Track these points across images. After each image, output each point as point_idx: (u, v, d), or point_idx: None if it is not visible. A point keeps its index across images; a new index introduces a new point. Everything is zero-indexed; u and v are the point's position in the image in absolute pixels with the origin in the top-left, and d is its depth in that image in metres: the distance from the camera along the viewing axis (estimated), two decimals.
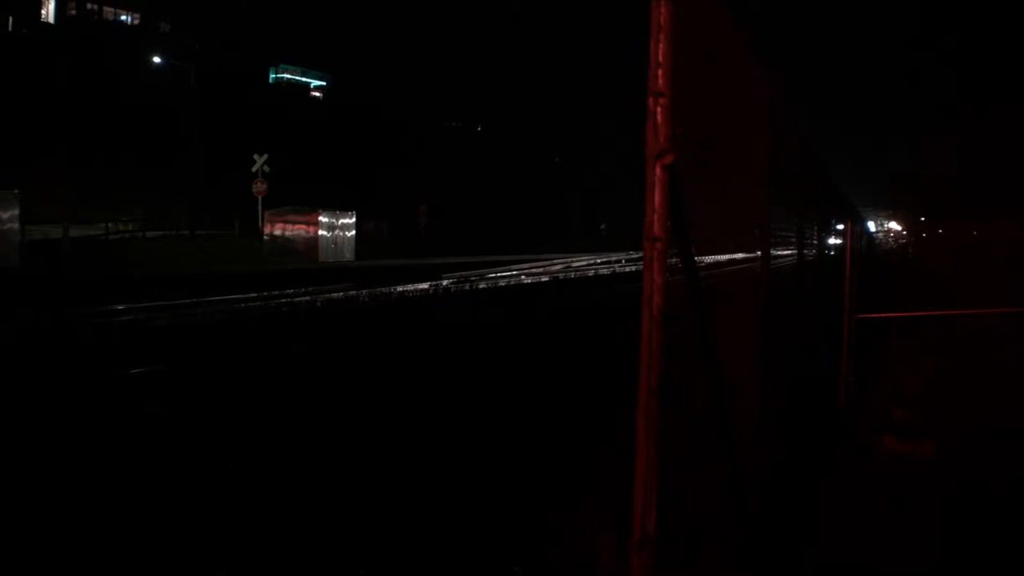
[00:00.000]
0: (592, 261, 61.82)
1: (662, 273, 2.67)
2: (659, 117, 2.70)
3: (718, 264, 4.78)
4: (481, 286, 37.13)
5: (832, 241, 14.36)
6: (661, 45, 2.70)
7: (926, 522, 7.03)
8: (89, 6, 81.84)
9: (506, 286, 38.11)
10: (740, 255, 5.49)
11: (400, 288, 33.57)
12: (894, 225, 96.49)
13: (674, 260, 3.01)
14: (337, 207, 63.07)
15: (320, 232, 61.41)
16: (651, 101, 2.70)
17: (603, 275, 47.76)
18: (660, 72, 2.70)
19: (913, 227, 79.11)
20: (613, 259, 63.47)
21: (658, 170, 2.68)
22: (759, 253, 5.57)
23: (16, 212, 43.18)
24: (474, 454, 9.80)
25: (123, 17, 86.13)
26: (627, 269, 52.10)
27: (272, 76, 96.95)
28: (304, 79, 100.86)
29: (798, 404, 7.15)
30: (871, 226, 60.20)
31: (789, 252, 7.69)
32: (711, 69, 3.65)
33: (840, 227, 14.37)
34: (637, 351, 2.67)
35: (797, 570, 5.91)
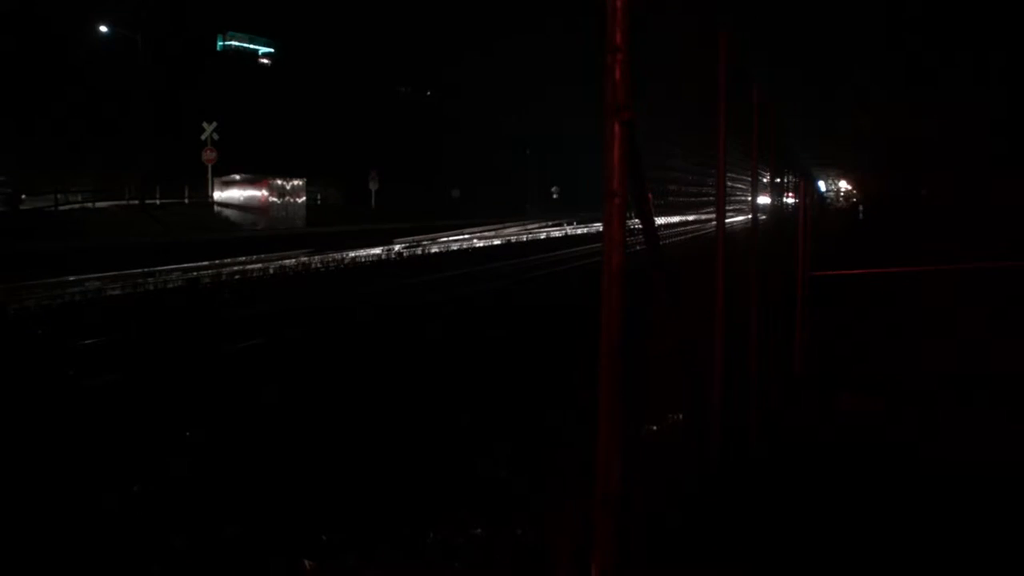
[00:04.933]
0: (543, 224, 62.55)
1: (622, 229, 2.66)
2: (617, 73, 2.67)
3: (671, 225, 4.78)
4: (433, 250, 37.16)
5: (786, 200, 14.41)
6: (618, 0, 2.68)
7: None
8: None
9: (459, 249, 38.17)
10: (692, 216, 5.50)
11: (352, 253, 33.59)
12: (844, 184, 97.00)
13: (632, 223, 3.00)
14: (287, 174, 62.59)
15: (271, 199, 60.90)
16: (609, 58, 2.68)
17: (555, 237, 48.32)
18: (617, 28, 2.67)
19: (864, 186, 79.69)
20: (564, 222, 64.58)
21: (617, 127, 2.67)
22: (714, 213, 5.58)
23: None
24: (434, 407, 9.84)
25: None
26: (578, 231, 53.70)
27: (220, 44, 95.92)
28: (252, 46, 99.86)
29: (755, 360, 7.19)
30: (821, 185, 60.58)
31: (742, 210, 7.70)
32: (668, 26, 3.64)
33: (793, 185, 14.42)
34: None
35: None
